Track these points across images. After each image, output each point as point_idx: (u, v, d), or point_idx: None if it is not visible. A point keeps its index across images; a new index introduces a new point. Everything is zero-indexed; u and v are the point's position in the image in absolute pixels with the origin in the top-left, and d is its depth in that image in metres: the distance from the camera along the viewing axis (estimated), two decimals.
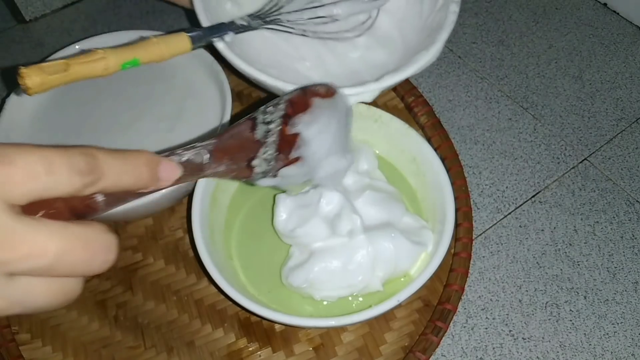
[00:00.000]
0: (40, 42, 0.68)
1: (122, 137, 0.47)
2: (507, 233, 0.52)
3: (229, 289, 0.35)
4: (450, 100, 0.61)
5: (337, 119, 0.32)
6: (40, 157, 0.17)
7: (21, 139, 0.47)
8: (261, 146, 0.29)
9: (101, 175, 0.19)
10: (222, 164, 0.26)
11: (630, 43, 0.67)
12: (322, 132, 0.31)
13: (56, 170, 0.17)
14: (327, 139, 0.32)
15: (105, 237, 0.19)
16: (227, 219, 0.44)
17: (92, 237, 0.18)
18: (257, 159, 0.29)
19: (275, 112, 0.29)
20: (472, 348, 0.45)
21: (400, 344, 0.41)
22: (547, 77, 0.64)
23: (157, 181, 0.22)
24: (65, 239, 0.17)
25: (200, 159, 0.25)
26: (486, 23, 0.69)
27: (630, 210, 0.53)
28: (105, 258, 0.19)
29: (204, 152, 0.26)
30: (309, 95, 0.31)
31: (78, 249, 0.18)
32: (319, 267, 0.38)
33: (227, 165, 0.27)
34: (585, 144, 0.58)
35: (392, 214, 0.40)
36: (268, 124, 0.29)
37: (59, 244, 0.17)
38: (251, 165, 0.29)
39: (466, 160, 0.56)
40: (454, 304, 0.41)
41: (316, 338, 0.42)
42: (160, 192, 0.41)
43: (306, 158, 0.31)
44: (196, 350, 0.41)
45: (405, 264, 0.39)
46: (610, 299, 0.48)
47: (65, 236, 0.17)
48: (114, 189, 0.20)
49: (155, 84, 0.50)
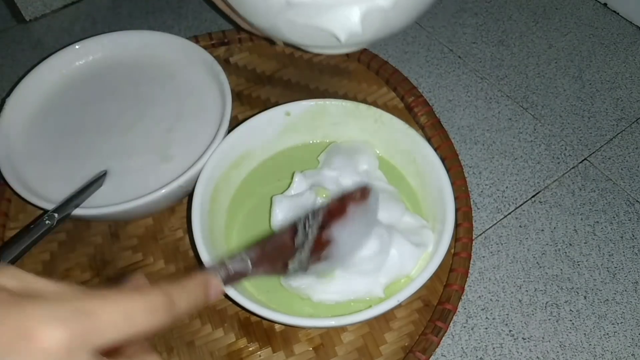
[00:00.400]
0: (40, 42, 0.68)
1: (123, 137, 0.47)
2: (507, 233, 0.52)
3: (229, 289, 0.35)
4: (450, 100, 0.61)
5: (367, 218, 0.35)
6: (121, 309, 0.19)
7: (21, 139, 0.47)
8: (297, 250, 0.31)
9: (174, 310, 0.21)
10: (261, 269, 0.29)
11: (630, 43, 0.67)
12: (352, 233, 0.33)
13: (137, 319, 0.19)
14: (356, 238, 0.34)
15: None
16: (227, 219, 0.44)
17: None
18: (292, 262, 0.31)
19: (314, 222, 0.32)
20: (472, 348, 0.45)
21: (400, 344, 0.41)
22: (547, 77, 0.64)
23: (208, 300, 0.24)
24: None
25: (246, 267, 0.28)
26: (486, 23, 0.69)
27: (630, 210, 0.53)
28: None
29: (248, 261, 0.28)
30: (347, 202, 0.33)
31: None
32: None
33: (266, 269, 0.30)
34: (585, 144, 0.58)
35: (392, 213, 0.40)
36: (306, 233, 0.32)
37: None
38: (286, 265, 0.31)
39: (466, 160, 0.56)
40: (454, 304, 0.41)
41: (316, 338, 0.42)
42: (160, 193, 0.41)
43: (336, 255, 0.33)
44: (196, 350, 0.41)
45: (408, 268, 0.39)
46: (610, 299, 0.48)
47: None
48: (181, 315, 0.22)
49: (155, 84, 0.50)
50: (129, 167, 0.45)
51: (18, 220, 0.48)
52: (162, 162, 0.45)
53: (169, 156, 0.45)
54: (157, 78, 0.51)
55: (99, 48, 0.52)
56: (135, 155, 0.46)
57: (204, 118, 0.47)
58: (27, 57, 0.66)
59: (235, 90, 0.55)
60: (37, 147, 0.47)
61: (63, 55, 0.51)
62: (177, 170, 0.43)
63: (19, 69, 0.65)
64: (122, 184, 0.44)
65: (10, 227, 0.48)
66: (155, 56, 0.52)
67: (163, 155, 0.45)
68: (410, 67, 0.64)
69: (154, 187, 0.41)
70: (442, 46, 0.67)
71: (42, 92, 0.50)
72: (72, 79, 0.51)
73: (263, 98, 0.55)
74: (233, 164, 0.45)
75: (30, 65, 0.50)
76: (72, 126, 0.48)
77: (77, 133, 0.47)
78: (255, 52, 0.59)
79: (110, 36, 0.52)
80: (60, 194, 0.41)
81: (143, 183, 0.43)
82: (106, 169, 0.44)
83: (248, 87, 0.56)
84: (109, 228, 0.48)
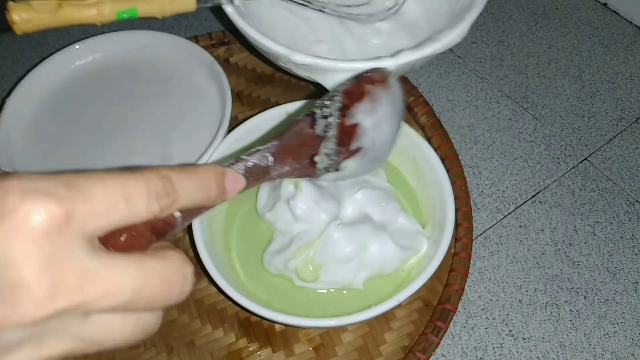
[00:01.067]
0: (40, 42, 0.68)
1: (123, 137, 0.47)
2: (507, 233, 0.52)
3: (229, 289, 0.35)
4: (450, 100, 0.61)
5: (393, 105, 0.32)
6: (118, 188, 0.17)
7: (21, 139, 0.47)
8: (322, 141, 0.28)
9: (177, 197, 0.19)
10: (286, 164, 0.27)
11: (630, 43, 0.67)
12: (380, 119, 0.30)
13: (135, 198, 0.17)
14: (386, 127, 0.31)
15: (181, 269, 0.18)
16: (227, 218, 0.44)
17: (169, 270, 0.18)
18: (319, 155, 0.29)
19: (332, 104, 0.29)
20: (472, 348, 0.45)
21: (400, 344, 0.41)
22: (547, 77, 0.64)
23: (224, 194, 0.22)
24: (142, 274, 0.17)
25: (266, 161, 0.26)
26: (486, 23, 0.69)
27: (630, 210, 0.53)
28: (182, 289, 0.18)
29: (268, 154, 0.26)
30: (364, 83, 0.30)
31: (155, 283, 0.17)
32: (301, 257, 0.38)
33: (291, 165, 0.27)
34: (585, 144, 0.58)
35: (387, 212, 0.40)
36: (326, 118, 0.29)
37: (136, 281, 0.16)
38: (314, 161, 0.29)
39: (466, 160, 0.56)
40: (454, 304, 0.41)
41: (316, 338, 0.42)
42: None
43: (367, 148, 0.30)
44: (196, 350, 0.41)
45: (389, 268, 0.39)
46: (610, 299, 0.48)
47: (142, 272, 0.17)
48: (188, 207, 0.20)
49: (156, 84, 0.50)
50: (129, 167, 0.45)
51: None
52: (162, 162, 0.45)
53: (169, 156, 0.45)
54: (157, 78, 0.51)
55: (99, 48, 0.52)
56: (135, 155, 0.46)
57: (204, 118, 0.47)
58: (27, 57, 0.66)
59: (235, 90, 0.55)
60: (37, 147, 0.47)
61: (63, 55, 0.51)
62: None
63: (19, 69, 0.65)
64: None
65: None
66: (155, 56, 0.52)
67: (163, 155, 0.45)
68: None
69: None
70: None
71: (42, 92, 0.50)
72: (72, 79, 0.51)
73: (263, 98, 0.55)
74: None
75: (30, 65, 0.50)
76: (72, 126, 0.48)
77: (77, 133, 0.47)
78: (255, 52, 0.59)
79: (110, 36, 0.52)
80: None
81: None
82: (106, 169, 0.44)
83: (248, 87, 0.56)
84: None
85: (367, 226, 0.38)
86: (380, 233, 0.39)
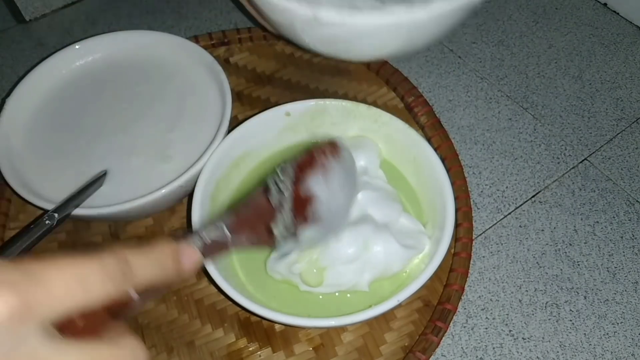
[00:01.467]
0: (40, 42, 0.68)
1: (123, 137, 0.47)
2: (507, 233, 0.52)
3: (229, 289, 0.35)
4: (450, 100, 0.61)
5: (345, 173, 0.33)
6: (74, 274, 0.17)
7: (21, 138, 0.47)
8: (278, 212, 0.30)
9: (133, 276, 0.19)
10: (243, 236, 0.27)
11: (630, 43, 0.67)
12: (333, 188, 0.32)
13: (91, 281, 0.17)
14: (339, 194, 0.32)
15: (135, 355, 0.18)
16: None
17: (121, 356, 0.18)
18: (276, 226, 0.30)
19: (285, 177, 0.30)
20: (472, 348, 0.45)
21: (400, 344, 0.41)
22: (547, 77, 0.64)
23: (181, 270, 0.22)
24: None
25: (223, 235, 0.26)
26: (486, 23, 0.69)
27: (630, 210, 0.53)
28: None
29: (225, 228, 0.26)
30: (316, 155, 0.32)
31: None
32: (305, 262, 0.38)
33: (248, 236, 0.28)
34: (585, 144, 0.58)
35: (388, 213, 0.40)
36: (281, 190, 0.30)
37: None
38: (271, 232, 0.30)
39: (466, 160, 0.56)
40: (454, 304, 0.41)
41: (316, 338, 0.42)
42: (160, 193, 0.41)
43: (323, 216, 0.31)
44: (196, 350, 0.41)
45: (393, 268, 0.39)
46: (610, 299, 0.48)
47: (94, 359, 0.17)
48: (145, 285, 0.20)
49: (156, 84, 0.50)
50: (129, 167, 0.45)
51: (18, 220, 0.48)
52: (162, 162, 0.45)
53: (169, 156, 0.45)
54: (157, 78, 0.51)
55: (99, 48, 0.52)
56: (135, 155, 0.46)
57: (204, 118, 0.47)
58: (27, 57, 0.66)
59: (235, 90, 0.55)
60: (37, 147, 0.47)
61: (63, 55, 0.51)
62: (177, 170, 0.43)
63: (19, 69, 0.65)
64: (122, 184, 0.44)
65: (10, 227, 0.48)
66: (155, 56, 0.52)
67: (163, 155, 0.45)
68: (410, 67, 0.64)
69: (154, 187, 0.41)
70: (442, 46, 0.67)
71: (42, 92, 0.50)
72: (72, 79, 0.51)
73: (263, 98, 0.55)
74: (233, 164, 0.45)
75: (30, 65, 0.50)
76: (72, 126, 0.48)
77: (77, 133, 0.47)
78: (255, 52, 0.59)
79: (110, 36, 0.52)
80: (60, 194, 0.41)
81: (143, 183, 0.43)
82: (106, 169, 0.44)
83: (248, 87, 0.56)
84: (109, 228, 0.48)
85: (369, 226, 0.38)
86: (383, 233, 0.39)
